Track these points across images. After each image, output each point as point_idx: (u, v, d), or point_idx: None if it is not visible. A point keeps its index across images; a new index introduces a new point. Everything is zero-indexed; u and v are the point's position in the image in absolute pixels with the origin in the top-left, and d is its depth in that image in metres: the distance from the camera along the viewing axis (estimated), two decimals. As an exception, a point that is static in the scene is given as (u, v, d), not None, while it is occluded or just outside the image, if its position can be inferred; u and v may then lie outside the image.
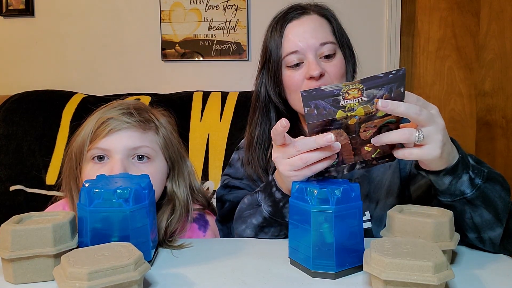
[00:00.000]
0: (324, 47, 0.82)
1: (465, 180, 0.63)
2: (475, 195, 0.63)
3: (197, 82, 1.89)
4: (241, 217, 0.81)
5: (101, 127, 0.80)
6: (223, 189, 0.94)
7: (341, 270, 0.57)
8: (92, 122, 0.81)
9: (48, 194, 1.37)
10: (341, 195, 0.57)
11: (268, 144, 0.90)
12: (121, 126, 0.80)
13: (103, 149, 0.79)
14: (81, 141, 0.81)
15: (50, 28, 1.98)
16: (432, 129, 0.57)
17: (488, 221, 0.65)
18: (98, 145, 0.79)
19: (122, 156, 0.79)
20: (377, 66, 1.93)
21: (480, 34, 1.99)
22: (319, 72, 0.80)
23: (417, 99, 0.58)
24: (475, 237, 0.67)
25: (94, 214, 0.59)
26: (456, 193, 0.64)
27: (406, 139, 0.57)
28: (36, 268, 0.57)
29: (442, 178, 0.63)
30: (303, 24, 0.83)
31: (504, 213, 0.65)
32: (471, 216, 0.65)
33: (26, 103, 1.47)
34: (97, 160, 0.79)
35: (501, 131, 2.01)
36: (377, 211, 0.83)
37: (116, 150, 0.78)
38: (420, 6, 1.99)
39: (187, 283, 0.57)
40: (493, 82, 2.01)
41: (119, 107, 0.84)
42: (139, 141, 0.81)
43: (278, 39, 0.83)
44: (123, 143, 0.79)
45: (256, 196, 0.78)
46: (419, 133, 0.57)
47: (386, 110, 0.55)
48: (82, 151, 0.81)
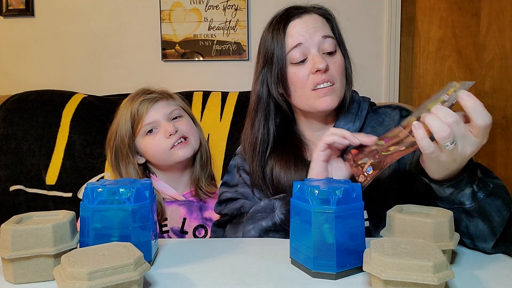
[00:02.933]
0: (326, 40, 0.83)
1: (467, 193, 0.63)
2: (474, 207, 0.64)
3: (197, 82, 1.89)
4: (252, 218, 0.83)
5: (139, 111, 1.03)
6: (219, 205, 0.96)
7: (342, 271, 0.57)
8: (126, 114, 1.04)
9: (48, 194, 1.37)
10: (342, 195, 0.57)
11: (269, 145, 0.90)
12: (152, 103, 1.04)
13: (151, 123, 1.03)
14: (125, 129, 1.04)
15: (50, 28, 1.97)
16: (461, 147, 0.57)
17: (483, 233, 0.65)
18: (145, 122, 1.03)
19: (166, 121, 1.04)
20: (377, 66, 1.93)
21: (480, 34, 1.99)
22: (325, 64, 0.81)
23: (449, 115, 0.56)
24: (469, 243, 0.68)
25: (97, 212, 0.60)
26: (455, 202, 0.65)
27: (439, 135, 0.56)
28: (36, 268, 0.57)
29: (445, 189, 0.64)
30: (305, 21, 0.84)
31: (499, 227, 0.65)
32: (467, 226, 0.66)
33: (26, 103, 1.47)
34: (149, 133, 1.03)
35: (501, 131, 2.01)
36: (376, 211, 0.83)
37: (160, 118, 1.04)
38: (420, 6, 1.99)
39: (187, 283, 0.57)
40: (493, 82, 2.00)
41: (141, 93, 1.07)
42: (169, 106, 1.07)
43: (281, 37, 0.84)
44: (162, 111, 1.04)
45: (273, 202, 0.82)
46: (452, 143, 0.56)
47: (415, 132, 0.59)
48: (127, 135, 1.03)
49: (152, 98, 1.05)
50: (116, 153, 1.06)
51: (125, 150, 1.04)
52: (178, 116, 1.07)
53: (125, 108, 1.06)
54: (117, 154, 1.06)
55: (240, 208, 0.89)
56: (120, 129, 1.05)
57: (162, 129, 1.03)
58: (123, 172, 1.06)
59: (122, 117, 1.05)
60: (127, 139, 1.04)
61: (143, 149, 1.06)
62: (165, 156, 1.04)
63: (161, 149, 1.03)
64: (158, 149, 1.03)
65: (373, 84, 1.91)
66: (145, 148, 1.05)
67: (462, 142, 0.57)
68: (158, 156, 1.04)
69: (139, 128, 1.03)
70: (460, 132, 0.56)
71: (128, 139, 1.04)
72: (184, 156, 1.04)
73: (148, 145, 1.04)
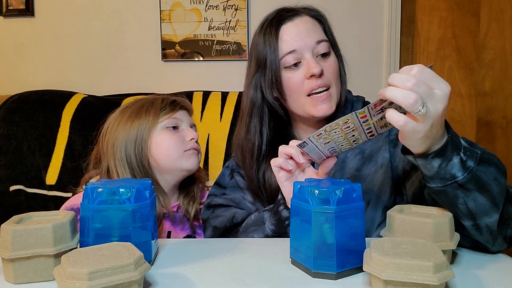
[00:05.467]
0: (320, 45, 0.83)
1: (456, 162, 0.58)
2: (467, 178, 0.58)
3: (197, 82, 1.89)
4: (245, 232, 0.83)
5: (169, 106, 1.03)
6: (207, 209, 0.94)
7: (342, 271, 0.57)
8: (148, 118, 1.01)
9: (48, 194, 1.37)
10: (342, 195, 0.57)
11: (262, 150, 0.89)
12: (180, 109, 1.06)
13: (178, 119, 1.04)
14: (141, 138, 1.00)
15: (50, 28, 1.98)
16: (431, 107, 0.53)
17: (484, 206, 0.60)
18: (173, 116, 1.03)
19: (189, 127, 1.06)
20: (377, 66, 1.93)
21: (480, 34, 1.99)
22: (320, 69, 0.80)
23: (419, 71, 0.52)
24: (471, 225, 0.62)
25: (97, 212, 0.60)
26: (446, 177, 0.59)
27: (407, 104, 0.51)
28: (36, 268, 0.57)
29: (431, 162, 0.59)
30: (297, 25, 0.83)
31: (500, 197, 0.60)
32: (465, 202, 0.60)
33: (26, 103, 1.47)
34: (171, 129, 1.02)
35: (501, 131, 2.01)
36: (368, 211, 0.82)
37: (186, 121, 1.06)
38: (420, 6, 1.99)
39: (187, 283, 0.57)
40: (493, 82, 2.00)
41: (166, 96, 1.08)
42: (189, 118, 1.09)
43: (273, 42, 0.83)
44: (187, 118, 1.07)
45: (262, 214, 0.81)
46: (423, 107, 0.51)
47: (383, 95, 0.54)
48: (149, 131, 1.00)
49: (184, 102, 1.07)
50: (130, 167, 0.99)
51: (143, 170, 0.99)
52: (195, 125, 1.10)
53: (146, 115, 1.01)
54: (131, 168, 0.99)
55: (232, 219, 0.88)
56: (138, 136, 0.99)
57: (186, 132, 1.03)
58: None
59: (143, 124, 0.99)
60: (143, 154, 0.98)
61: (157, 143, 1.00)
62: (176, 155, 1.00)
63: (177, 147, 1.00)
64: (174, 147, 0.99)
65: (373, 84, 1.91)
66: (161, 141, 1.00)
67: (431, 101, 0.53)
68: (170, 153, 1.00)
69: (163, 119, 1.00)
70: (424, 92, 0.52)
71: (145, 155, 0.98)
72: (192, 164, 1.01)
73: (166, 139, 1.00)
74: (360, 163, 0.86)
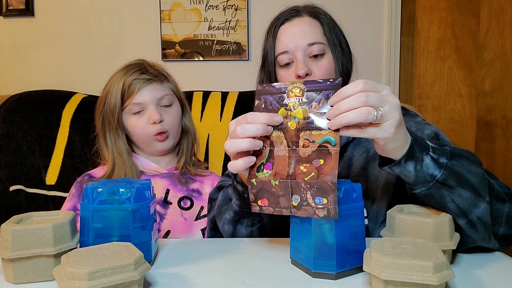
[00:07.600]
0: (312, 47, 0.86)
1: (428, 162, 0.61)
2: (446, 174, 0.61)
3: (197, 82, 1.89)
4: (219, 214, 0.84)
5: (130, 87, 1.01)
6: (217, 190, 0.95)
7: (342, 271, 0.57)
8: (118, 86, 1.02)
9: (48, 194, 1.37)
10: (342, 195, 0.57)
11: None
12: (146, 84, 1.02)
13: (139, 104, 1.01)
14: (114, 101, 1.02)
15: (50, 28, 1.97)
16: (388, 108, 0.56)
17: (470, 199, 0.62)
18: (133, 101, 1.01)
19: (154, 106, 1.02)
20: (377, 66, 1.93)
21: (480, 34, 1.99)
22: (305, 71, 0.84)
23: (364, 84, 0.56)
24: (465, 223, 0.64)
25: (97, 212, 0.60)
26: (426, 179, 0.62)
27: (364, 118, 0.55)
28: (36, 268, 0.57)
29: (405, 166, 0.61)
30: (294, 26, 0.87)
31: (482, 186, 0.63)
32: (452, 199, 0.62)
33: (26, 103, 1.47)
34: (136, 114, 1.02)
35: (501, 131, 2.01)
36: (373, 208, 0.84)
37: (149, 102, 1.02)
38: (420, 6, 1.99)
39: (187, 283, 0.57)
40: (493, 82, 2.01)
41: (135, 68, 1.05)
42: (162, 91, 1.04)
43: (271, 41, 0.89)
44: (152, 95, 1.02)
45: (227, 190, 0.83)
46: (377, 112, 0.55)
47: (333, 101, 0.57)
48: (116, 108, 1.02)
49: (146, 79, 1.03)
50: (103, 122, 1.06)
51: (114, 123, 1.04)
52: (167, 105, 1.06)
53: (117, 79, 1.04)
54: (104, 123, 1.06)
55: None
56: (109, 99, 1.03)
57: (148, 114, 1.02)
58: (111, 143, 1.06)
59: (113, 89, 1.03)
60: (116, 113, 1.03)
61: (128, 127, 1.05)
62: (147, 140, 1.04)
63: (144, 132, 1.03)
64: (142, 132, 1.04)
65: (373, 84, 1.91)
66: (130, 126, 1.05)
67: (383, 103, 0.56)
68: (141, 138, 1.05)
69: (127, 104, 1.02)
70: (375, 100, 0.55)
71: (117, 113, 1.03)
72: (163, 148, 1.06)
73: (133, 125, 1.04)
74: (365, 162, 0.87)
